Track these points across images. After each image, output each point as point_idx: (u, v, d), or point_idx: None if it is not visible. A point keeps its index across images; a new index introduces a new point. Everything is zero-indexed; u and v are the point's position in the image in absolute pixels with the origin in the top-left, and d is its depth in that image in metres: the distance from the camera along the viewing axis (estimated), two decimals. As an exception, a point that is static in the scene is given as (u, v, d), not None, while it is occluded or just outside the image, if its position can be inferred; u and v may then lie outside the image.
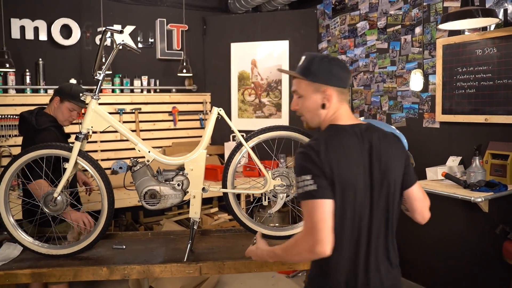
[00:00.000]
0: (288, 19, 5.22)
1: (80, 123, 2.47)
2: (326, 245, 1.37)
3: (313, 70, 1.59)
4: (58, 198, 2.15)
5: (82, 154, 2.16)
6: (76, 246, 2.20)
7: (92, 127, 2.14)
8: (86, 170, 2.25)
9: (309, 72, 1.60)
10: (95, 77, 2.11)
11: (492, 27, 3.15)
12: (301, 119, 1.69)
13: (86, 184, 3.03)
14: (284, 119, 5.24)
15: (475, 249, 3.35)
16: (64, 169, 2.13)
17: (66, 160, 2.14)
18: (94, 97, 2.11)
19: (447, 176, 3.14)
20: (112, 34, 4.70)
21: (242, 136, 2.15)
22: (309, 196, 1.40)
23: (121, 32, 2.12)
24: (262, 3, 5.19)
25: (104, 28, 2.13)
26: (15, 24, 4.49)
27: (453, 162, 3.43)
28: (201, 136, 2.17)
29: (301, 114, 1.67)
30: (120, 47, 2.23)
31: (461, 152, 3.45)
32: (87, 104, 2.13)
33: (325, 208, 1.39)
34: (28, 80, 4.52)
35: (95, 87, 2.14)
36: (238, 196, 4.56)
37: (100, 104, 2.19)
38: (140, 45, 5.19)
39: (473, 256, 3.37)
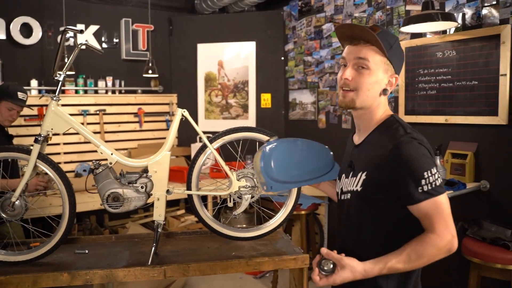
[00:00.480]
0: (255, 20, 5.24)
1: (40, 125, 2.40)
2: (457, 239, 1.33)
3: (394, 48, 1.42)
4: (17, 202, 2.08)
5: (42, 156, 2.09)
6: (36, 252, 2.14)
7: (52, 129, 2.08)
8: (47, 173, 2.19)
9: (390, 47, 1.41)
10: (55, 78, 2.05)
11: (452, 31, 3.25)
12: (344, 93, 1.45)
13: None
14: (251, 120, 5.25)
15: (437, 246, 3.44)
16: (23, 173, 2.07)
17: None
18: (54, 98, 2.05)
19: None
20: (75, 34, 4.59)
21: (208, 137, 2.14)
22: (442, 190, 1.31)
23: (81, 32, 2.07)
24: (229, 4, 5.18)
25: (64, 28, 2.07)
26: (-28, 22, 4.34)
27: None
28: (166, 138, 2.14)
29: (351, 88, 1.43)
30: (83, 47, 2.18)
31: (423, 152, 3.53)
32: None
33: None
34: (-14, 80, 4.37)
35: (56, 88, 2.08)
36: (204, 198, 4.54)
37: (63, 105, 2.14)
38: (104, 45, 5.10)
39: (435, 253, 3.46)
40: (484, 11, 3.05)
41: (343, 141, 1.79)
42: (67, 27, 1.93)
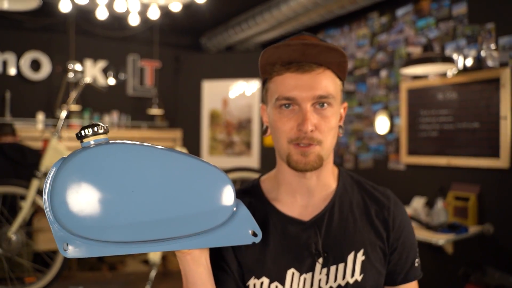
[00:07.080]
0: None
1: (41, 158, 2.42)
2: None
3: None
4: (13, 238, 2.07)
5: (41, 192, 2.10)
6: (30, 288, 2.11)
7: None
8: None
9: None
10: (56, 115, 2.09)
11: (453, 73, 3.28)
12: (304, 149, 0.92)
13: None
14: (254, 158, 5.25)
15: (440, 290, 3.36)
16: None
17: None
18: (55, 135, 2.08)
19: (410, 217, 3.17)
20: (77, 72, 4.71)
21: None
22: None
23: (82, 72, 2.12)
24: (234, 44, 5.29)
25: (64, 67, 2.13)
26: (-16, 56, 4.46)
27: (417, 203, 3.48)
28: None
29: (317, 141, 0.92)
30: (90, 83, 2.22)
31: (425, 193, 3.51)
32: None
33: None
34: (-6, 113, 4.45)
35: (57, 124, 2.11)
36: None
37: (69, 139, 2.16)
38: (111, 80, 5.19)
39: (438, 297, 3.38)
40: (484, 54, 3.09)
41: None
42: (69, 67, 1.98)
